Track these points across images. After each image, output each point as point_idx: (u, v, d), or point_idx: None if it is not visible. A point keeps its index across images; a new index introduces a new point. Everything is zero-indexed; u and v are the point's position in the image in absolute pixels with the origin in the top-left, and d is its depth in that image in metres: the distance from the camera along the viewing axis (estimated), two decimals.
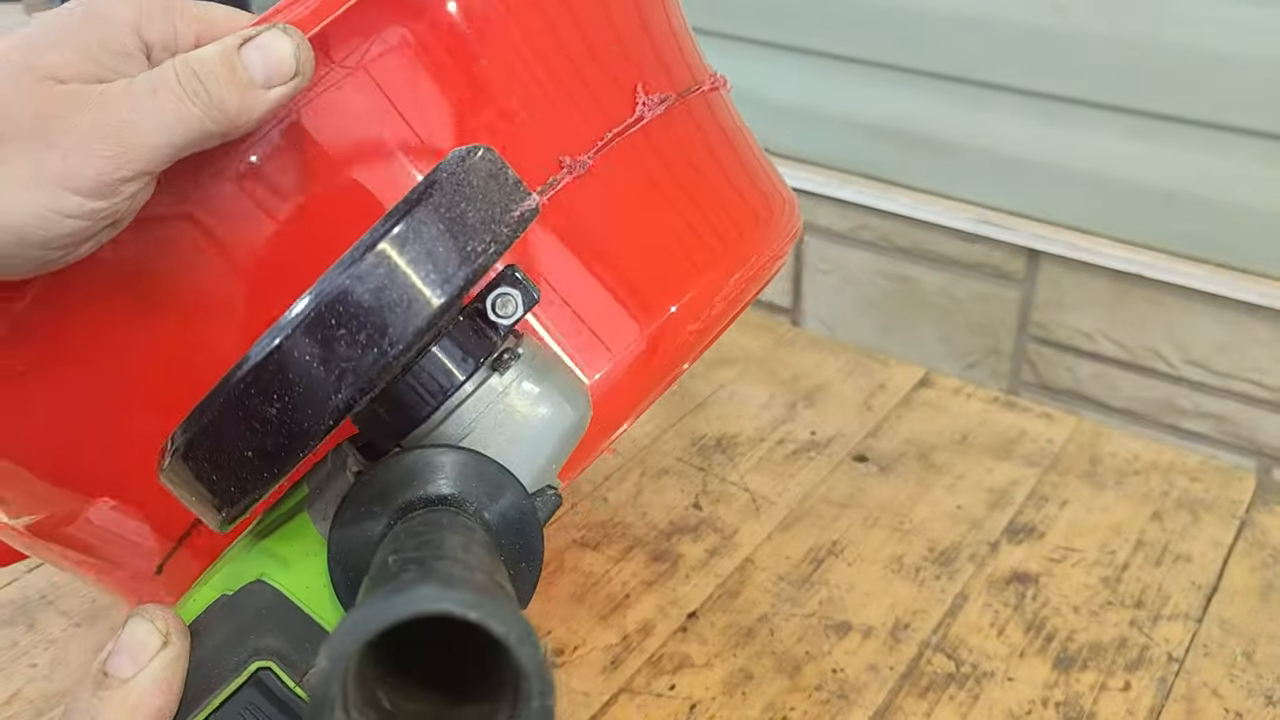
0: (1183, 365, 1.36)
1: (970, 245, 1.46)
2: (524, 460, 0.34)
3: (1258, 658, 0.61)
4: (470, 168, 0.32)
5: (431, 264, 0.30)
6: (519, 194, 0.33)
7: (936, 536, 0.70)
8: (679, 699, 0.59)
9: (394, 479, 0.32)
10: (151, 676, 0.31)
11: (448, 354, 0.34)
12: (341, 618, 0.25)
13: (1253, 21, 1.15)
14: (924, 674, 0.60)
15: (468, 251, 0.31)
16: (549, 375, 0.36)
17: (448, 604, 0.23)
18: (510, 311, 0.35)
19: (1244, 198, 1.24)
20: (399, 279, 0.30)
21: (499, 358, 0.35)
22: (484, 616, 0.24)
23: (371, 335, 0.29)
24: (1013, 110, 1.35)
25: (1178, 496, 0.73)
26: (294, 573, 0.34)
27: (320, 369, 0.29)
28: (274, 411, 0.29)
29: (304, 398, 0.29)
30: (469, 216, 0.31)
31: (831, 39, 1.46)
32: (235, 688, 0.32)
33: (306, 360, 0.29)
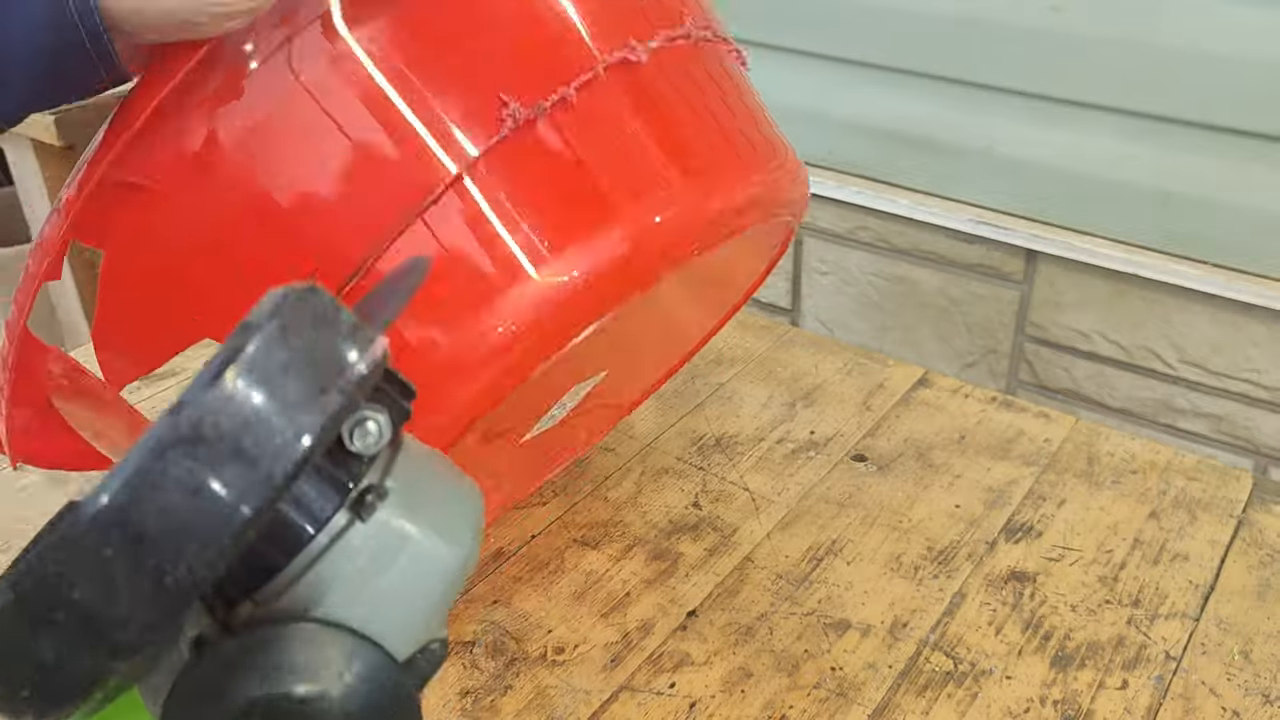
0: (1180, 365, 1.36)
1: (968, 246, 1.47)
2: (396, 621, 0.30)
3: (1255, 656, 0.61)
4: (289, 324, 0.27)
5: (235, 473, 0.25)
6: (360, 340, 0.28)
7: (935, 535, 0.70)
8: (679, 697, 0.59)
9: (232, 667, 0.28)
10: None
11: (297, 502, 0.29)
12: None
13: (1249, 22, 1.16)
14: (922, 672, 0.60)
15: (281, 444, 0.26)
16: (425, 508, 0.31)
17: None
18: (372, 442, 0.29)
19: (1240, 198, 1.24)
20: (190, 492, 0.25)
21: (360, 498, 0.30)
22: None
23: (171, 555, 0.25)
24: (1010, 111, 1.36)
25: (1175, 496, 0.73)
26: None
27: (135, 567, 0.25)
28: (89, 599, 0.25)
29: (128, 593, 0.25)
30: (288, 390, 0.26)
31: (829, 41, 1.46)
32: None
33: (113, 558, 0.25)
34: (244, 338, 0.26)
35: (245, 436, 0.26)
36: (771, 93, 1.64)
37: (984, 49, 1.34)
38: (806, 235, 1.64)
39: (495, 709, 0.58)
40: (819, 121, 1.52)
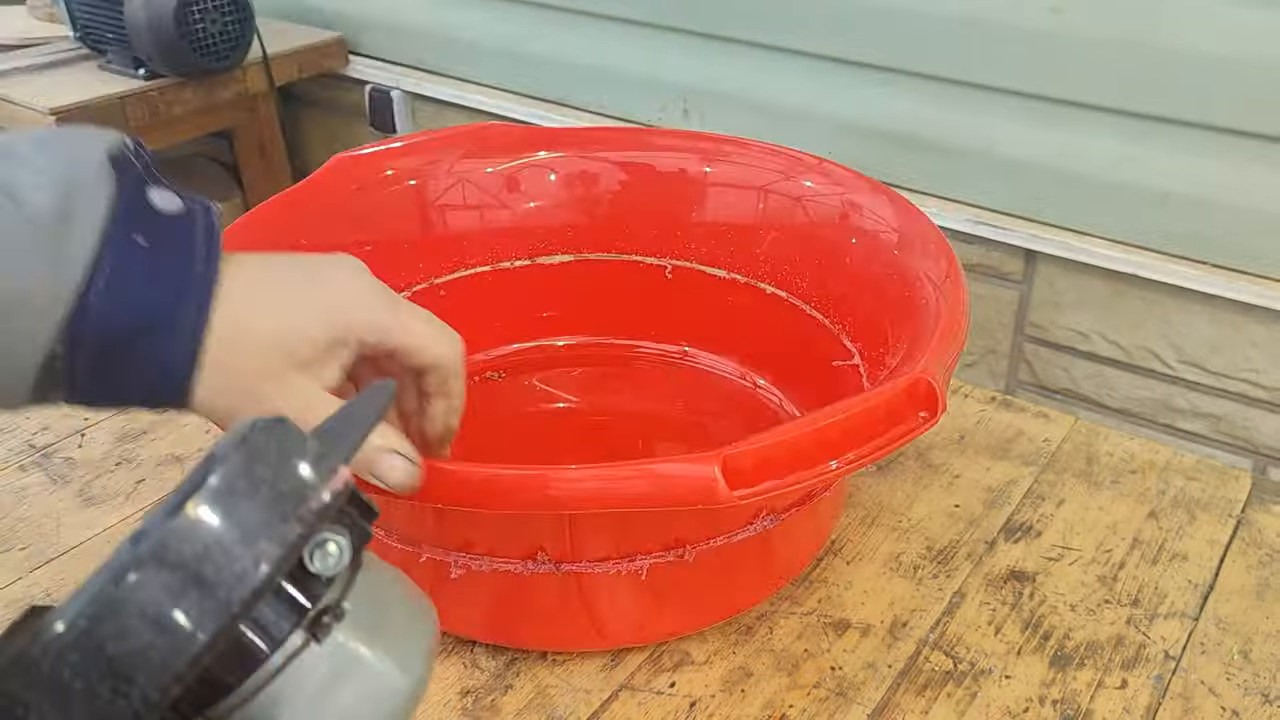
0: (1179, 365, 1.36)
1: (967, 246, 1.47)
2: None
3: (1254, 656, 0.61)
4: (253, 454, 0.28)
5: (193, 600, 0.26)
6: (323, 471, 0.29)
7: (934, 535, 0.70)
8: (679, 696, 0.59)
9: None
10: None
11: (254, 621, 0.29)
12: None
13: (1248, 23, 1.16)
14: (922, 672, 0.60)
15: (239, 571, 0.27)
16: (381, 632, 0.31)
17: None
18: (332, 564, 0.30)
19: (1240, 198, 1.24)
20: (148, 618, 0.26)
21: (318, 618, 0.30)
22: None
23: (128, 680, 0.26)
24: (1009, 112, 1.36)
25: (1174, 495, 0.73)
26: None
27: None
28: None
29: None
30: (248, 519, 0.27)
31: (828, 41, 1.46)
32: None
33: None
34: (208, 467, 0.27)
35: (205, 564, 0.26)
36: (772, 93, 1.65)
37: (983, 49, 1.34)
38: None
39: (495, 708, 0.58)
40: (818, 121, 1.52)
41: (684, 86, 1.62)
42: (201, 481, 0.27)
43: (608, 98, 1.70)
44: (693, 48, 1.58)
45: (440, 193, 0.79)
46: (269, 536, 0.27)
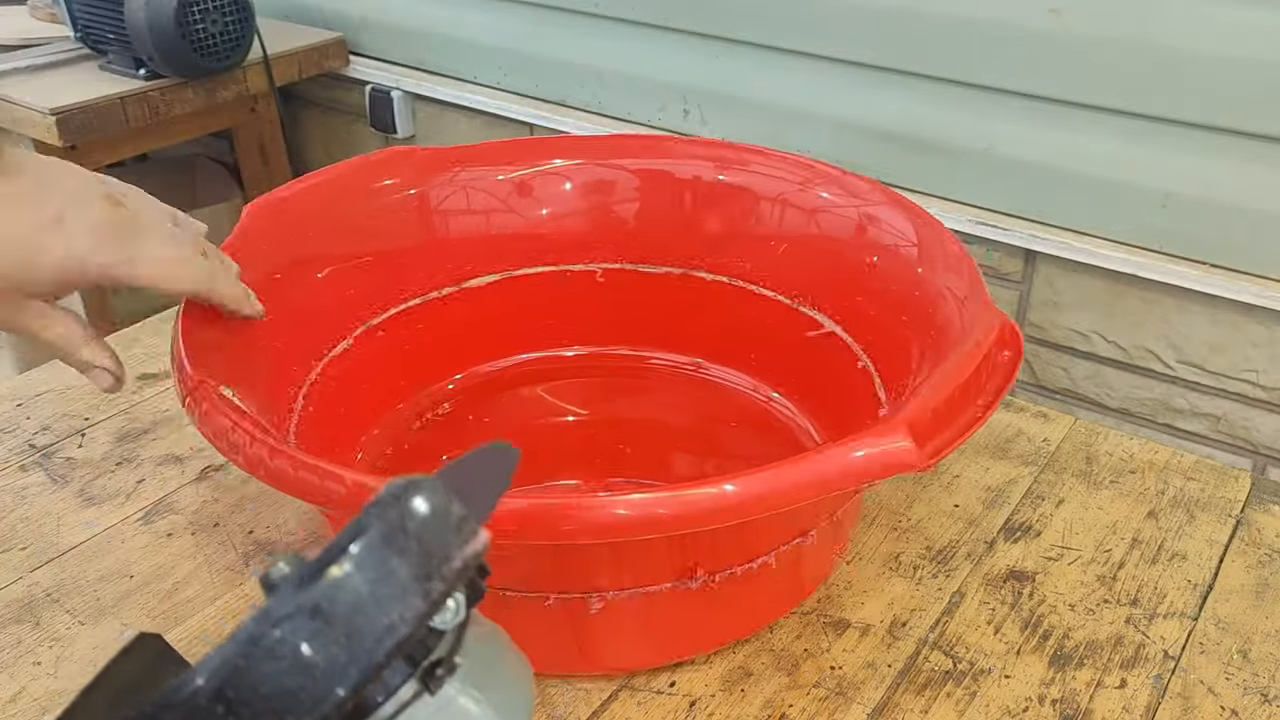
0: (1178, 365, 1.36)
1: (967, 246, 1.47)
2: None
3: (1253, 655, 0.61)
4: (406, 513, 0.28)
5: (341, 649, 0.27)
6: (466, 532, 0.30)
7: (934, 535, 0.70)
8: (679, 696, 0.59)
9: None
10: None
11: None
12: None
13: (1247, 23, 1.16)
14: (921, 671, 0.60)
15: (390, 623, 0.27)
16: (491, 683, 0.32)
17: None
18: (449, 619, 0.30)
19: (1239, 199, 1.24)
20: (299, 663, 0.27)
21: (431, 670, 0.31)
22: None
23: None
24: (1009, 112, 1.36)
25: (1173, 495, 0.73)
26: None
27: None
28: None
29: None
30: (399, 576, 0.28)
31: (828, 41, 1.46)
32: None
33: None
34: (367, 520, 0.28)
35: (356, 617, 0.27)
36: (773, 93, 1.65)
37: (983, 50, 1.34)
38: None
39: None
40: (818, 122, 1.52)
41: (684, 87, 1.62)
42: (361, 532, 0.28)
43: (607, 98, 1.70)
44: (693, 48, 1.58)
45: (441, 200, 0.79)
46: (416, 593, 0.28)
